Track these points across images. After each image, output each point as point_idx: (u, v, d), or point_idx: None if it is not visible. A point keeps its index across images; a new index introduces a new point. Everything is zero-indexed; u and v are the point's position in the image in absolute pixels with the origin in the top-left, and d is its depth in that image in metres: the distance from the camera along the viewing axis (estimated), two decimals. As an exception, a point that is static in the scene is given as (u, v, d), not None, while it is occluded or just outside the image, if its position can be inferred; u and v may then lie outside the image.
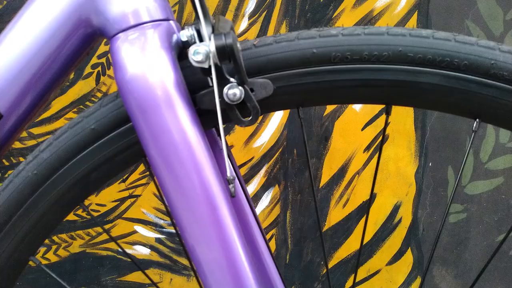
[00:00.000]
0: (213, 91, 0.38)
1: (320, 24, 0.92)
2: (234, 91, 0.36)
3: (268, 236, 1.04)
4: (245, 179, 1.00)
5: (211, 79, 0.37)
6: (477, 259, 1.04)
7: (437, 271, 1.04)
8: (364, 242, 1.03)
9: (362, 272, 1.05)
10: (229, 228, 0.38)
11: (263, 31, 0.92)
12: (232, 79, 0.37)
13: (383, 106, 0.44)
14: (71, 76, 0.95)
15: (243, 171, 1.00)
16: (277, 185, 1.01)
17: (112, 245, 1.03)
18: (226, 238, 0.38)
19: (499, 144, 0.97)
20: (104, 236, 1.02)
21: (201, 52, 0.35)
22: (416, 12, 0.92)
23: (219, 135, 0.46)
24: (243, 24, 0.92)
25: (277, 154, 0.99)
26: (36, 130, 0.95)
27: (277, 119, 0.98)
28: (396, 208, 1.01)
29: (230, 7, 0.91)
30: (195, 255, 0.39)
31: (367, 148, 0.98)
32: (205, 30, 0.36)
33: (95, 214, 1.01)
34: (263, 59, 0.40)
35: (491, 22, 0.92)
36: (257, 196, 1.01)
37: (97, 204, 1.00)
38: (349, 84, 0.41)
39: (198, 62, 0.35)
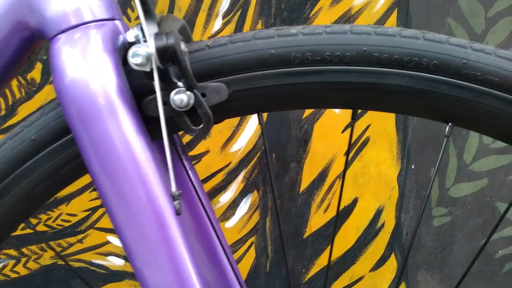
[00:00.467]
0: (162, 96, 0.34)
1: (297, 23, 0.89)
2: (180, 97, 0.33)
3: (247, 244, 1.00)
4: (222, 185, 0.96)
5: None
6: (463, 263, 1.01)
7: (422, 276, 1.02)
8: (347, 248, 1.00)
9: (345, 279, 1.02)
10: (180, 249, 0.34)
11: (238, 31, 0.89)
12: (180, 84, 0.34)
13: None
14: (38, 80, 0.90)
15: (220, 177, 0.96)
16: (255, 191, 0.98)
17: (85, 256, 0.99)
18: (176, 260, 0.35)
19: (483, 145, 0.95)
20: (77, 247, 0.98)
21: (141, 54, 0.32)
22: (396, 10, 0.89)
23: (170, 144, 0.42)
24: (217, 24, 0.88)
25: (255, 159, 0.96)
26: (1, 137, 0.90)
27: (254, 123, 0.94)
28: (378, 213, 0.98)
29: (203, 6, 0.87)
30: (142, 279, 0.35)
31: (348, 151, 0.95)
32: (146, 29, 0.32)
33: (66, 224, 0.96)
34: (217, 61, 0.37)
35: (472, 19, 0.90)
36: (235, 202, 0.98)
37: (67, 214, 0.96)
38: (311, 87, 0.37)
39: (138, 65, 0.32)
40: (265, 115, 0.94)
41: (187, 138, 0.95)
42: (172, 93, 0.33)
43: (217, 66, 0.37)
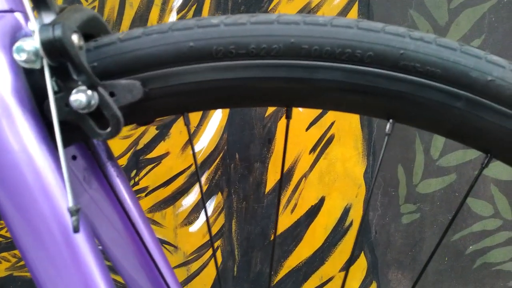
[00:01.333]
0: (61, 97, 0.30)
1: (256, 17, 0.85)
2: (77, 97, 0.29)
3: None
4: (184, 188, 0.92)
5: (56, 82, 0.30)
6: (434, 260, 1.00)
7: (393, 275, 0.99)
8: (315, 249, 0.97)
9: (314, 280, 0.99)
10: (87, 269, 0.31)
11: (194, 27, 0.85)
12: (81, 82, 0.30)
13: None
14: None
15: (181, 179, 0.92)
16: (219, 193, 0.94)
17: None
18: (86, 282, 0.31)
19: (450, 140, 0.93)
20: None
21: (27, 50, 0.27)
22: (357, 3, 0.86)
23: (89, 150, 0.38)
24: (172, 19, 0.84)
25: (217, 160, 0.92)
26: None
27: (216, 122, 0.90)
28: (346, 211, 0.96)
29: (156, 1, 0.83)
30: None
31: (313, 149, 0.92)
32: (33, 20, 0.28)
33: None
34: (129, 55, 0.33)
35: (435, 11, 0.88)
36: (199, 206, 0.94)
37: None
38: (238, 84, 0.34)
39: (25, 62, 0.28)
40: (225, 113, 0.90)
41: (146, 139, 0.91)
42: (73, 92, 0.29)
43: (130, 62, 0.33)
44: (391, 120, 0.35)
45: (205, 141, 0.91)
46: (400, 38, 0.32)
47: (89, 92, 0.29)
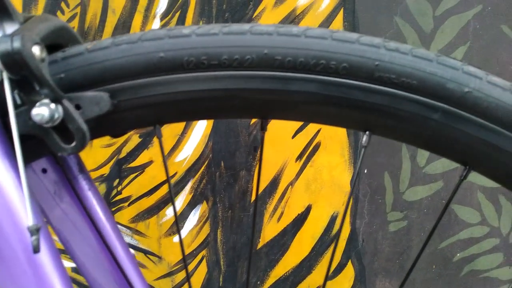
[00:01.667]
0: (25, 111, 0.29)
1: (241, 25, 0.85)
2: (39, 111, 0.28)
3: (198, 258, 0.95)
4: (168, 197, 0.91)
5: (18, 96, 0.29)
6: (421, 267, 0.99)
7: (380, 284, 0.99)
8: (302, 257, 0.96)
9: (302, 290, 0.98)
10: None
11: (178, 34, 0.84)
12: (43, 95, 0.28)
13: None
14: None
15: (165, 188, 0.91)
16: (205, 202, 0.93)
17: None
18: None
19: (436, 146, 0.93)
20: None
21: (-17, 62, 0.26)
22: (342, 10, 0.86)
23: (58, 163, 0.37)
24: (155, 26, 0.83)
25: (202, 168, 0.91)
26: None
27: (200, 130, 0.89)
28: (333, 219, 0.95)
29: (139, 7, 0.82)
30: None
31: (299, 157, 0.92)
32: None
33: None
34: (98, 66, 0.32)
35: (420, 18, 0.88)
36: (184, 215, 0.93)
37: None
38: (211, 95, 0.33)
39: (-19, 74, 0.26)
40: (210, 121, 0.89)
41: (129, 148, 0.90)
42: (36, 106, 0.28)
43: (98, 73, 0.32)
44: (367, 132, 0.34)
45: (189, 149, 0.90)
46: (375, 49, 0.31)
47: (53, 105, 0.28)
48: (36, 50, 0.27)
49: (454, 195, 0.37)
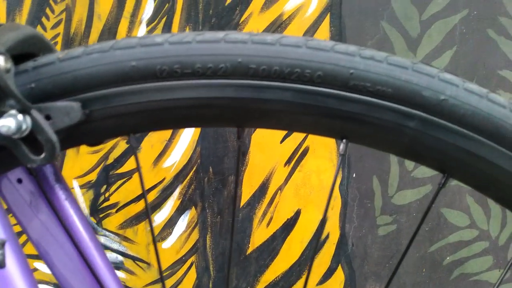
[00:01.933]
0: (-8, 122, 0.29)
1: (228, 30, 0.84)
2: (5, 123, 0.27)
3: (187, 264, 0.94)
4: (157, 203, 0.90)
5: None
6: (411, 271, 0.99)
7: (370, 287, 0.98)
8: (292, 262, 0.96)
9: (292, 295, 0.97)
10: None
11: (165, 39, 0.83)
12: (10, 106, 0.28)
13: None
14: None
15: (153, 194, 0.90)
16: (193, 207, 0.92)
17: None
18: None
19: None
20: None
21: None
22: (329, 15, 0.86)
23: (31, 174, 0.36)
24: (141, 31, 0.83)
25: (191, 174, 0.90)
26: None
27: (188, 135, 0.89)
28: (322, 224, 0.94)
29: (125, 13, 0.81)
30: None
31: (288, 161, 0.91)
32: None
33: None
34: (69, 75, 0.31)
35: (407, 23, 0.88)
36: (172, 221, 0.92)
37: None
38: (185, 104, 0.33)
39: None
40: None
41: (116, 153, 0.89)
42: (3, 117, 0.28)
43: (69, 82, 0.31)
44: (344, 140, 0.34)
45: (177, 155, 0.89)
46: (350, 57, 0.31)
47: (20, 116, 0.28)
48: (1, 60, 0.27)
49: (434, 202, 0.37)
